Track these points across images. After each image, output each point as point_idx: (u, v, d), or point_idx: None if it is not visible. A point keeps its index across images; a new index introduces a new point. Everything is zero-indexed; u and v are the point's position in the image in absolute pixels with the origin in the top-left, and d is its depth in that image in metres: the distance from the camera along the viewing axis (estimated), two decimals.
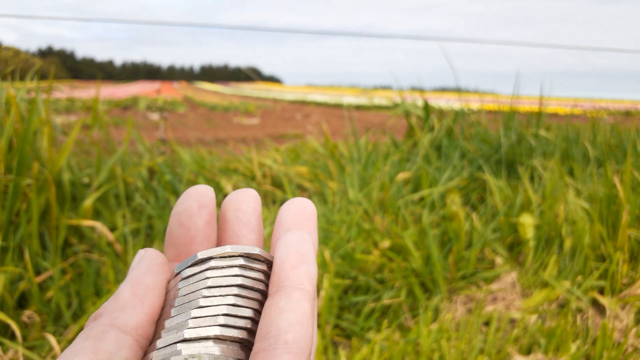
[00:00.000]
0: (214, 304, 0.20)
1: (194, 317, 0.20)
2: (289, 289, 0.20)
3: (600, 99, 8.10)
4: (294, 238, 0.22)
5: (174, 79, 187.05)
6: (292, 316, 0.19)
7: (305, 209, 0.26)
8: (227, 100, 13.80)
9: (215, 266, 0.21)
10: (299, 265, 0.21)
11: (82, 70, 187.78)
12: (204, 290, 0.20)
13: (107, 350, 0.18)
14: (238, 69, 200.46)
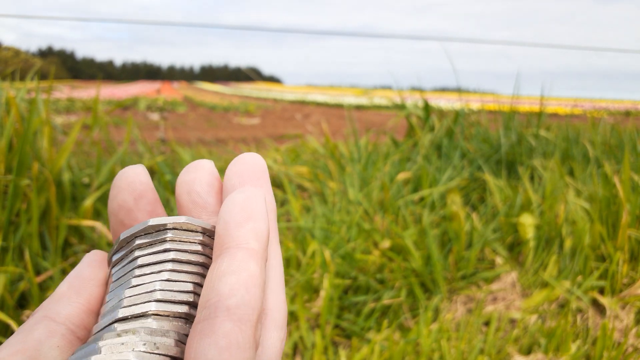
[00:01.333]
0: (147, 282, 0.19)
1: (128, 297, 0.19)
2: (232, 250, 0.18)
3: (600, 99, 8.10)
4: (240, 195, 0.20)
5: (174, 79, 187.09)
6: (234, 279, 0.17)
7: (255, 164, 0.23)
8: (227, 101, 13.80)
9: (142, 244, 0.20)
10: (245, 223, 0.19)
11: (82, 70, 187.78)
12: (136, 269, 0.19)
13: (35, 339, 0.18)
14: (238, 69, 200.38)
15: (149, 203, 0.22)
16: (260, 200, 0.20)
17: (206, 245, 0.20)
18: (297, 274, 1.21)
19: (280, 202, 1.79)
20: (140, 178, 0.22)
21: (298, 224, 1.43)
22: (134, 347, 0.17)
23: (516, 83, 2.50)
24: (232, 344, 0.16)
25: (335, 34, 8.30)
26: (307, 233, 1.39)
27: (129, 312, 0.18)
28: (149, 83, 38.59)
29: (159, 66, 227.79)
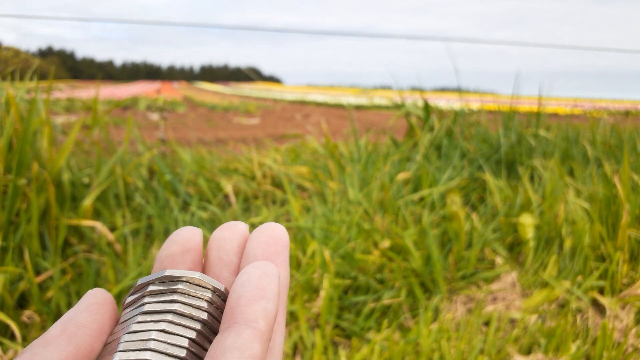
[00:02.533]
0: (145, 329, 0.19)
1: (125, 341, 0.19)
2: (240, 326, 0.19)
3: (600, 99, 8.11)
4: (256, 271, 0.21)
5: (174, 79, 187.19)
6: (237, 356, 0.18)
7: (277, 238, 0.24)
8: (227, 100, 13.80)
9: (153, 291, 0.20)
10: (256, 301, 0.20)
11: (82, 70, 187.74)
12: (139, 315, 0.20)
13: None
14: (238, 69, 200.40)
15: (193, 260, 0.24)
16: (274, 279, 0.21)
17: (213, 304, 0.21)
18: (297, 274, 1.21)
19: (281, 202, 1.79)
20: (194, 237, 0.24)
21: (298, 224, 1.43)
22: None
23: (515, 83, 2.50)
24: None
25: (335, 34, 8.30)
26: (307, 233, 1.39)
27: (125, 357, 0.19)
28: (149, 83, 38.60)
29: (159, 66, 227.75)
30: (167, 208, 1.60)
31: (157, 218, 1.51)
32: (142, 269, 1.18)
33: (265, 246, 0.24)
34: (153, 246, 1.36)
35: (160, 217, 1.52)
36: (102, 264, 1.23)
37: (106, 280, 1.17)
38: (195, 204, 1.65)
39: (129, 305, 0.21)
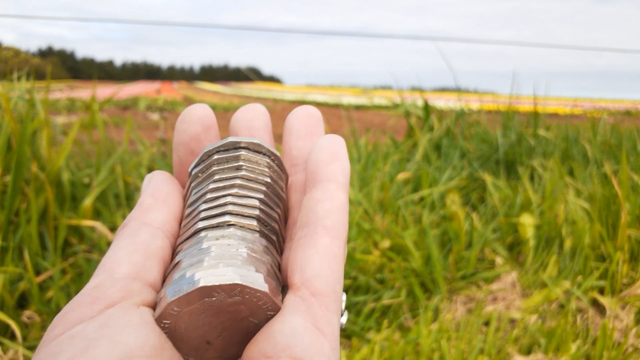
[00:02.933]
0: (220, 195, 0.21)
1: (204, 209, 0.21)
2: (324, 183, 0.22)
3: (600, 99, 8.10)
4: (328, 139, 0.24)
5: (174, 79, 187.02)
6: (329, 205, 0.21)
7: (313, 115, 0.26)
8: (227, 100, 13.80)
9: (219, 159, 0.22)
10: (333, 162, 0.23)
11: (82, 70, 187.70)
12: (211, 184, 0.22)
13: (143, 241, 0.20)
14: (238, 69, 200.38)
15: (216, 135, 0.25)
16: (343, 144, 0.24)
17: (271, 168, 0.23)
18: None
19: None
20: (209, 113, 0.25)
21: None
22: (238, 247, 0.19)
23: (514, 83, 2.50)
24: (330, 255, 0.20)
25: (335, 34, 8.30)
26: None
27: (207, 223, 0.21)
28: (149, 83, 38.59)
29: (159, 66, 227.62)
30: None
31: None
32: None
33: (304, 120, 0.26)
34: None
35: None
36: None
37: None
38: None
39: (196, 176, 0.22)
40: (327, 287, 0.19)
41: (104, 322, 0.17)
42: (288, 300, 0.19)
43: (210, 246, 0.19)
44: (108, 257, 0.20)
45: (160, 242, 0.21)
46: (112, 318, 0.17)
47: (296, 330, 0.18)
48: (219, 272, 0.18)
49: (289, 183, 0.25)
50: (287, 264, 0.21)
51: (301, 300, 0.19)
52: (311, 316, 0.18)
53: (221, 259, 0.18)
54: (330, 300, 0.19)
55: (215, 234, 0.20)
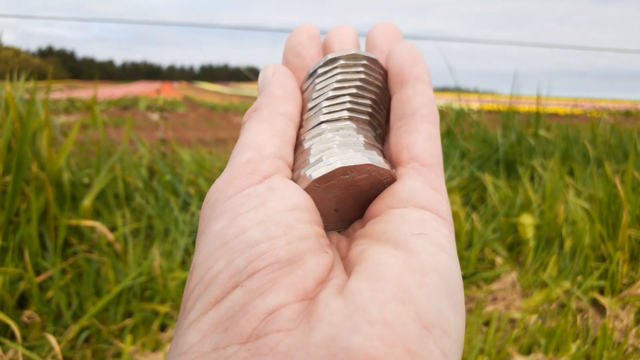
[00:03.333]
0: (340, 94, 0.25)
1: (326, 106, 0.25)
2: (412, 82, 0.25)
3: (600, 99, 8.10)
4: (405, 46, 0.26)
5: (174, 79, 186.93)
6: (421, 99, 0.24)
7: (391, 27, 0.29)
8: (227, 100, 13.79)
9: (344, 64, 0.25)
10: (415, 64, 0.25)
11: (82, 70, 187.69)
12: (335, 83, 0.25)
13: (279, 129, 0.23)
14: (238, 69, 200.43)
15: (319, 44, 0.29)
16: (418, 49, 0.26)
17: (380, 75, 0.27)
18: None
19: None
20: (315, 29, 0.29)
21: None
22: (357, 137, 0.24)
23: (514, 83, 2.50)
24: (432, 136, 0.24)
25: None
26: None
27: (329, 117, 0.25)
28: (149, 83, 38.59)
29: (159, 66, 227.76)
30: (167, 208, 1.60)
31: (157, 218, 1.51)
32: (142, 269, 1.18)
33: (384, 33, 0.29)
34: (153, 246, 1.36)
35: (160, 217, 1.52)
36: (102, 264, 1.23)
37: (106, 280, 1.17)
38: (195, 204, 1.65)
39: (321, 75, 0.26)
40: (434, 159, 0.23)
41: (270, 186, 0.21)
42: (401, 171, 0.23)
43: (334, 135, 0.24)
44: (251, 137, 0.23)
45: (292, 132, 0.24)
46: (274, 183, 0.21)
47: (416, 187, 0.22)
48: (350, 156, 0.22)
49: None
50: (390, 148, 0.24)
51: (413, 170, 0.23)
52: (425, 179, 0.22)
53: (347, 145, 0.23)
54: (438, 170, 0.23)
55: (335, 125, 0.24)
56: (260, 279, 0.18)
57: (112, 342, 1.04)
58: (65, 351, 0.98)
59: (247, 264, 0.18)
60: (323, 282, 0.19)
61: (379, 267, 0.18)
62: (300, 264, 0.19)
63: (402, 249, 0.19)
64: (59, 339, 1.00)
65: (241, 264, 0.18)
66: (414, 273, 0.18)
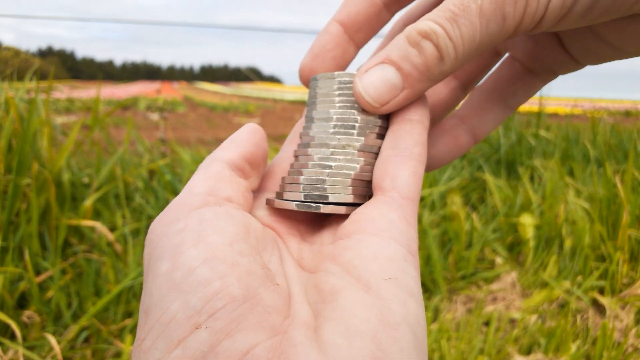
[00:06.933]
0: (349, 114, 0.26)
1: (334, 126, 0.26)
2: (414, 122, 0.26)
3: (600, 99, 8.10)
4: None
5: (174, 79, 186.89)
6: (417, 138, 0.26)
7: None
8: (227, 100, 13.80)
9: (341, 87, 0.26)
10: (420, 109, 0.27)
11: (82, 70, 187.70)
12: (338, 104, 0.26)
13: (213, 171, 0.24)
14: (238, 69, 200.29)
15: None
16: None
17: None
18: None
19: None
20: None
21: None
22: (350, 156, 0.26)
23: None
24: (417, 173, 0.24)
25: None
26: None
27: (338, 137, 0.26)
28: (148, 83, 38.59)
29: (159, 66, 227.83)
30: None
31: None
32: (143, 269, 1.18)
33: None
34: None
35: None
36: (102, 264, 1.23)
37: (106, 280, 1.17)
38: None
39: (325, 92, 0.27)
40: (414, 195, 0.23)
41: (201, 218, 0.21)
42: (380, 198, 0.23)
43: (332, 155, 0.25)
44: (186, 185, 0.24)
45: (227, 172, 0.25)
46: (205, 215, 0.21)
47: (393, 219, 0.22)
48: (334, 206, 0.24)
49: None
50: (376, 172, 0.25)
51: (392, 200, 0.23)
52: (403, 212, 0.23)
53: (340, 176, 0.25)
54: (415, 206, 0.23)
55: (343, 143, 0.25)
56: (223, 319, 0.18)
57: (112, 342, 1.04)
58: (65, 351, 0.98)
59: (203, 304, 0.18)
60: (287, 317, 0.20)
61: (354, 320, 0.19)
62: (257, 300, 0.19)
63: (373, 295, 0.19)
64: (59, 339, 1.00)
65: (198, 304, 0.18)
66: (387, 328, 0.19)
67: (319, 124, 0.26)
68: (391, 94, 0.25)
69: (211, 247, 0.20)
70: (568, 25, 0.23)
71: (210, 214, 0.22)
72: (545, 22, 0.23)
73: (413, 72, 0.24)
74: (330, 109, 0.26)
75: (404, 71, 0.24)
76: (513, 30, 0.23)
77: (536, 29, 0.23)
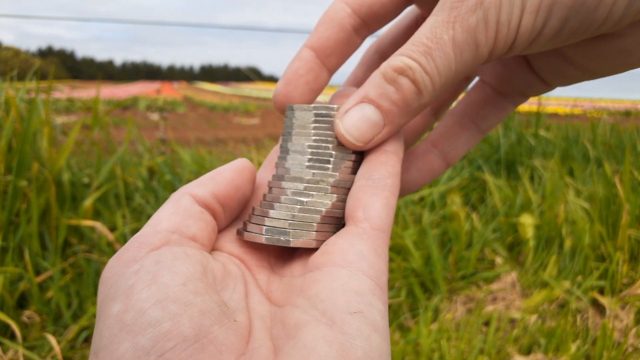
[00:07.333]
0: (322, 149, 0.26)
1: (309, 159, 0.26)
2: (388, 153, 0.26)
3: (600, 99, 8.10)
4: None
5: (173, 79, 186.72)
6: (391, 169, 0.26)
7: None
8: (227, 100, 13.79)
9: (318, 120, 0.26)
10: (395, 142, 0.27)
11: (82, 70, 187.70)
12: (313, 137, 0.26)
13: (182, 206, 0.24)
14: (238, 69, 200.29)
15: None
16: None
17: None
18: None
19: None
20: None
21: None
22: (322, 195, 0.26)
23: None
24: (390, 205, 0.24)
25: None
26: None
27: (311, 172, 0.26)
28: (148, 83, 38.58)
29: (158, 66, 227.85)
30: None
31: None
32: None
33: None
34: None
35: None
36: (102, 264, 1.23)
37: None
38: None
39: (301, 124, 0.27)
40: (385, 227, 0.23)
41: (158, 259, 0.21)
42: (352, 229, 0.23)
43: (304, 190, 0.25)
44: (153, 216, 0.24)
45: (196, 208, 0.24)
46: (162, 256, 0.21)
47: (363, 251, 0.22)
48: (303, 240, 0.25)
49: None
50: (349, 202, 0.25)
51: (363, 231, 0.23)
52: (373, 244, 0.23)
53: (310, 212, 0.25)
54: (386, 237, 0.24)
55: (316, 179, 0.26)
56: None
57: None
58: (65, 351, 0.98)
59: (153, 344, 0.18)
60: (244, 354, 0.20)
61: (313, 356, 0.18)
62: (209, 339, 0.19)
63: (337, 330, 0.19)
64: (59, 339, 1.00)
65: (147, 344, 0.18)
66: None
67: (293, 156, 0.26)
68: (373, 132, 0.25)
69: (164, 288, 0.20)
70: (539, 47, 0.24)
71: (168, 254, 0.21)
72: (516, 45, 0.23)
73: (392, 109, 0.24)
74: (305, 141, 0.26)
75: (383, 109, 0.24)
76: (487, 56, 0.23)
77: (508, 52, 0.23)
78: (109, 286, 0.21)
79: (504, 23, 0.22)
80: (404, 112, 0.25)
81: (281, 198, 0.25)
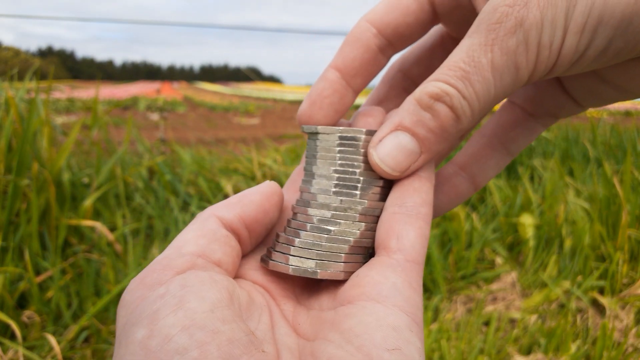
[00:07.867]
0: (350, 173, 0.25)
1: (335, 185, 0.25)
2: (422, 179, 0.25)
3: None
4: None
5: (174, 79, 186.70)
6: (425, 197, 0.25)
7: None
8: (227, 100, 13.79)
9: (343, 143, 0.25)
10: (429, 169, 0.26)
11: (82, 70, 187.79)
12: (339, 161, 0.25)
13: (209, 229, 0.23)
14: (238, 69, 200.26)
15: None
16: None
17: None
18: None
19: None
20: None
21: None
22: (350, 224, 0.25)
23: None
24: (422, 236, 0.23)
25: (335, 34, 8.31)
26: None
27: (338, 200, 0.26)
28: (148, 83, 38.58)
29: (158, 66, 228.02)
30: (167, 208, 1.60)
31: (157, 218, 1.51)
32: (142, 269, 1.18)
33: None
34: (153, 246, 1.36)
35: (160, 217, 1.52)
36: (102, 264, 1.23)
37: (106, 280, 1.17)
38: (195, 204, 1.65)
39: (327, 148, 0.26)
40: (420, 258, 0.23)
41: (183, 283, 0.20)
42: (385, 259, 0.23)
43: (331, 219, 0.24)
44: (178, 237, 0.23)
45: (223, 232, 0.24)
46: (188, 280, 0.20)
47: (397, 285, 0.21)
48: (330, 271, 0.24)
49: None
50: (381, 229, 0.24)
51: (397, 263, 0.22)
52: (407, 277, 0.22)
53: (336, 242, 0.24)
54: (420, 269, 0.23)
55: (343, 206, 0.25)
56: None
57: (112, 342, 1.04)
58: (65, 351, 0.98)
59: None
60: None
61: None
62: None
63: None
64: (59, 339, 1.00)
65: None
66: None
67: (319, 181, 0.25)
68: (409, 161, 0.24)
69: (191, 314, 0.19)
70: (581, 69, 0.23)
71: (194, 279, 0.21)
72: (558, 67, 0.22)
73: (429, 136, 0.23)
74: (331, 166, 0.25)
75: (419, 136, 0.23)
76: (527, 79, 0.22)
77: (548, 75, 0.22)
78: (131, 310, 0.20)
79: (545, 45, 0.21)
80: (441, 140, 0.24)
81: (307, 226, 0.24)
